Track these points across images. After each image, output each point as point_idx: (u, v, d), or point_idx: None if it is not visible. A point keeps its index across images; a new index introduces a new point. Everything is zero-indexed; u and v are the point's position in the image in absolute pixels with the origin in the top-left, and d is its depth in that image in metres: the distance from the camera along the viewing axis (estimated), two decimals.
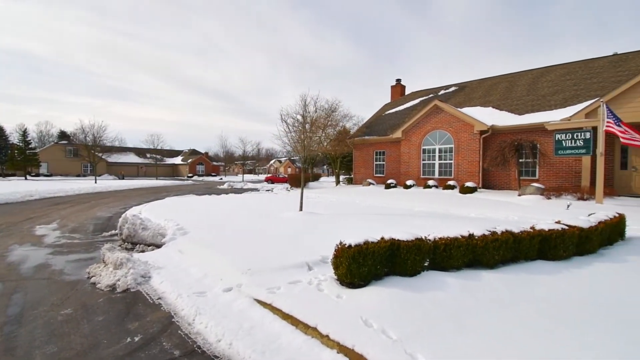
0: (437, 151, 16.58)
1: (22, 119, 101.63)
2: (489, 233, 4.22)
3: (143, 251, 6.23)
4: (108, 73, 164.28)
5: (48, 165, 47.34)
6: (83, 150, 36.39)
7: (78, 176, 47.37)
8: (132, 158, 58.22)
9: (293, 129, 10.11)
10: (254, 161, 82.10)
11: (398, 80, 26.37)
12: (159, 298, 4.00)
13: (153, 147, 51.60)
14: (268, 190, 23.26)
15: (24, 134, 41.02)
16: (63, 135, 52.08)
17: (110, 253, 5.30)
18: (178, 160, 63.69)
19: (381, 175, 20.27)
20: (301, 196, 9.37)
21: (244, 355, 2.73)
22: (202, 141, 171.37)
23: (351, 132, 24.58)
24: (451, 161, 16.00)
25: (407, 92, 26.46)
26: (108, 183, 28.72)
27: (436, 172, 16.60)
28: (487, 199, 11.76)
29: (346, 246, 3.46)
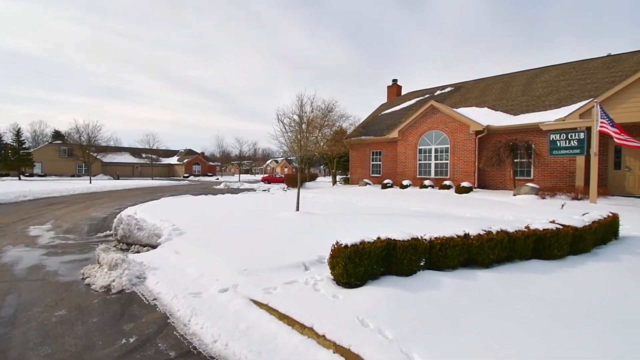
0: (433, 151, 16.65)
1: (16, 119, 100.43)
2: (484, 233, 4.25)
3: (138, 252, 6.19)
4: (103, 72, 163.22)
5: (42, 165, 46.86)
6: (77, 150, 36.04)
7: (72, 176, 46.94)
8: (128, 158, 57.79)
9: (290, 129, 10.10)
10: (251, 161, 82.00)
11: (394, 80, 26.45)
12: (155, 299, 3.98)
13: (149, 147, 51.27)
14: (265, 190, 23.21)
15: (18, 134, 40.53)
16: (57, 135, 51.57)
17: (105, 254, 5.27)
18: (174, 160, 63.31)
19: (378, 175, 20.32)
20: (298, 196, 9.37)
21: (240, 355, 2.72)
22: (199, 141, 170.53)
23: (348, 132, 24.62)
24: (447, 161, 16.07)
25: (404, 93, 26.55)
26: (103, 183, 28.50)
27: (432, 172, 16.67)
28: (483, 199, 11.83)
29: (342, 246, 3.46)
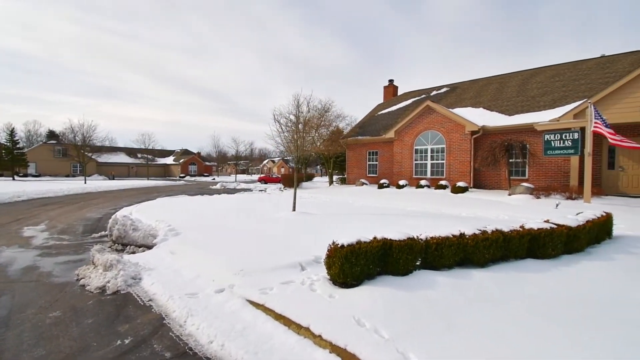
0: (429, 151, 16.71)
1: (10, 118, 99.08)
2: (480, 232, 4.27)
3: (134, 252, 6.16)
4: (99, 72, 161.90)
5: (36, 165, 46.41)
6: (72, 150, 35.76)
7: (67, 176, 46.52)
8: (123, 158, 57.42)
9: (286, 129, 10.10)
10: (247, 161, 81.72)
11: (391, 80, 26.51)
12: (150, 300, 3.96)
13: (144, 147, 50.98)
14: (261, 190, 23.17)
15: (12, 134, 40.06)
16: (52, 135, 51.11)
17: (100, 254, 5.23)
18: (170, 160, 63.01)
19: (374, 175, 20.36)
20: (294, 196, 9.36)
21: (236, 356, 2.72)
22: (195, 141, 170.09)
23: (344, 132, 24.65)
24: (443, 161, 16.14)
25: (400, 93, 26.61)
26: (98, 183, 28.29)
27: (428, 172, 16.73)
28: (478, 199, 11.89)
29: (339, 246, 3.46)
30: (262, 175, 48.43)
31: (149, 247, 6.23)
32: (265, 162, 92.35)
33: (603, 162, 12.28)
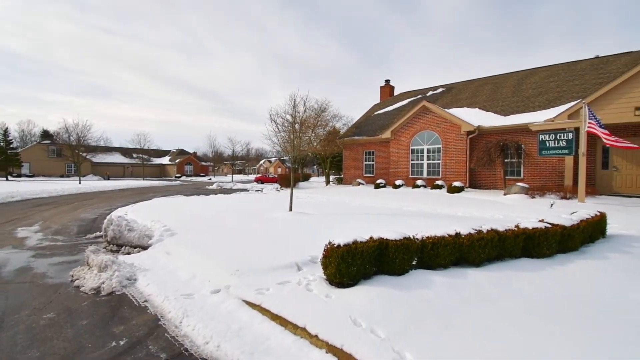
0: (426, 151, 16.78)
1: (3, 118, 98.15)
2: (475, 232, 4.30)
3: (129, 253, 6.11)
4: (94, 71, 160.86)
5: (30, 165, 45.94)
6: (67, 150, 35.47)
7: (61, 177, 46.11)
8: (118, 158, 57.01)
9: (283, 129, 10.10)
10: (244, 161, 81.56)
11: (387, 81, 26.58)
12: (145, 301, 3.94)
13: (140, 147, 50.63)
14: (258, 190, 23.12)
15: (5, 133, 39.58)
16: (46, 134, 50.56)
17: (94, 255, 5.18)
18: (165, 160, 62.64)
19: (371, 175, 20.40)
20: (291, 196, 9.35)
21: (232, 357, 2.71)
22: (191, 141, 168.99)
23: (341, 132, 24.65)
24: (439, 161, 16.21)
25: (396, 93, 26.70)
26: (93, 184, 28.07)
27: (424, 172, 16.80)
28: (474, 198, 11.96)
29: (335, 246, 3.46)
30: (259, 175, 48.32)
31: (145, 248, 6.20)
32: (261, 162, 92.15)
33: (597, 162, 12.40)
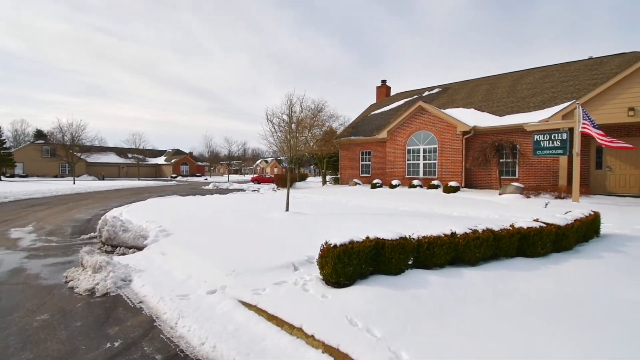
0: (422, 151, 16.83)
1: None
2: (471, 231, 4.32)
3: (124, 254, 6.07)
4: (88, 71, 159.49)
5: (24, 165, 45.45)
6: (61, 150, 35.10)
7: (55, 177, 45.65)
8: (113, 158, 56.57)
9: (279, 129, 10.06)
10: (240, 161, 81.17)
11: (383, 81, 26.64)
12: (140, 302, 3.91)
13: (135, 147, 50.27)
14: (254, 190, 23.06)
15: None
16: (40, 134, 50.06)
17: (88, 256, 5.14)
18: (161, 160, 62.28)
19: (367, 175, 20.43)
20: (287, 196, 9.34)
21: (228, 357, 2.70)
22: (186, 141, 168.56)
23: (337, 132, 24.68)
24: (435, 161, 16.27)
25: (393, 93, 26.74)
26: (87, 184, 27.83)
27: (421, 172, 16.85)
28: (470, 198, 12.02)
29: (332, 246, 3.46)
30: (255, 175, 48.18)
31: (140, 249, 6.15)
32: (258, 162, 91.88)
33: (591, 162, 12.52)
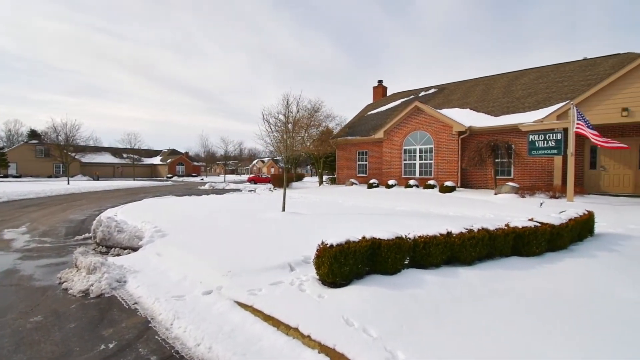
0: (418, 151, 16.89)
1: None
2: (466, 231, 4.34)
3: (118, 255, 6.03)
4: (83, 70, 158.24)
5: (17, 165, 44.98)
6: (55, 150, 34.77)
7: (49, 177, 45.23)
8: (108, 158, 56.14)
9: (276, 129, 10.05)
10: (237, 161, 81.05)
11: (380, 81, 26.69)
12: (135, 303, 3.88)
13: (130, 147, 49.92)
14: (251, 190, 23.00)
15: None
16: (33, 134, 49.58)
17: (83, 257, 5.09)
18: (157, 160, 61.89)
19: (364, 175, 20.46)
20: (284, 196, 9.33)
21: (224, 358, 2.68)
22: (182, 141, 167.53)
23: (334, 132, 24.67)
24: (431, 161, 16.34)
25: (389, 93, 26.82)
26: (82, 184, 27.59)
27: (417, 172, 16.91)
28: (465, 198, 12.07)
29: (328, 246, 3.46)
30: (252, 175, 48.10)
31: (135, 249, 6.11)
32: (254, 162, 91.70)
33: (585, 162, 12.63)
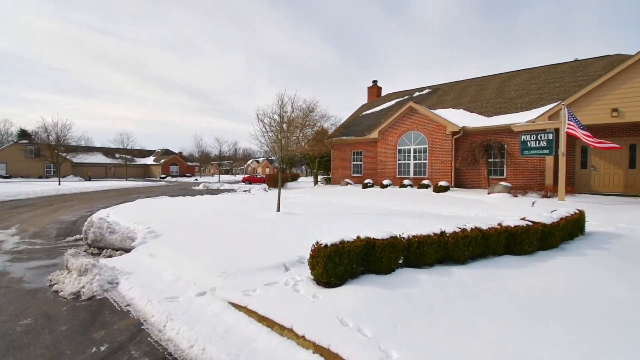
0: (412, 151, 16.97)
1: None
2: (460, 230, 4.37)
3: (110, 256, 5.96)
4: (75, 69, 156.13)
5: (7, 166, 44.25)
6: (45, 150, 34.29)
7: (40, 178, 44.54)
8: (100, 158, 55.45)
9: (270, 129, 10.02)
10: (231, 161, 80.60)
11: (374, 81, 26.77)
12: (128, 305, 3.84)
13: (122, 147, 49.30)
14: (245, 190, 22.91)
15: None
16: (23, 134, 48.74)
17: (74, 259, 5.02)
18: (150, 160, 61.29)
19: (359, 175, 20.50)
20: (279, 196, 9.30)
21: (218, 359, 2.66)
22: (176, 141, 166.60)
23: (329, 133, 24.69)
24: (425, 161, 16.43)
25: (384, 94, 26.90)
26: (73, 185, 27.22)
27: (411, 172, 16.99)
28: (459, 198, 12.17)
29: (322, 246, 3.46)
30: (246, 175, 47.88)
31: (127, 251, 6.05)
32: (249, 162, 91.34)
33: (576, 162, 12.80)
